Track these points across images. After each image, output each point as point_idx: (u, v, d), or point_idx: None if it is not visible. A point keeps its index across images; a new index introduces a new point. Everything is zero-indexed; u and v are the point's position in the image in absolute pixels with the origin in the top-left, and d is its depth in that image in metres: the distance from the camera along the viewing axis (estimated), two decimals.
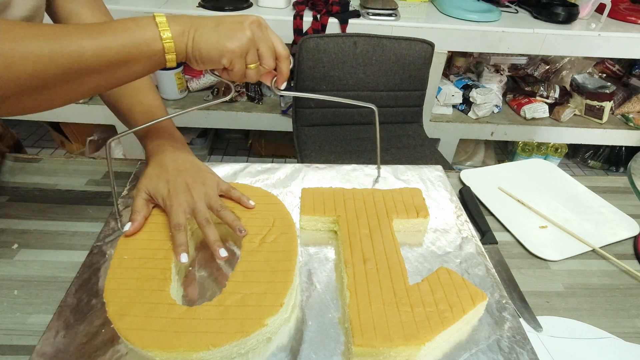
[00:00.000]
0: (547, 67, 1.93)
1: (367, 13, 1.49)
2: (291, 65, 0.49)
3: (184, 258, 0.47)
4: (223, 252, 0.48)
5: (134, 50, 0.41)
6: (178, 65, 1.68)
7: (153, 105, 0.60)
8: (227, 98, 0.53)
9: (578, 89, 1.84)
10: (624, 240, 0.65)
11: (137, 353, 0.40)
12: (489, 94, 1.76)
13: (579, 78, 1.86)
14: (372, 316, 0.43)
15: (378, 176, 0.68)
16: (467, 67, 1.94)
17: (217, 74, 0.48)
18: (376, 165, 0.71)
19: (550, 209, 0.70)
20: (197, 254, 0.52)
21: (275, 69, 0.49)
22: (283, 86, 0.50)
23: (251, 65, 0.46)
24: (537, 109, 1.80)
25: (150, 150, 0.57)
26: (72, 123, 1.82)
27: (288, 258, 0.48)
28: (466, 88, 1.78)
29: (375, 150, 1.24)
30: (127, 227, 0.50)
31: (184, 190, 0.52)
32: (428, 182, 0.68)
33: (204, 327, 0.40)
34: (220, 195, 0.55)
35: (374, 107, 0.60)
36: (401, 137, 1.31)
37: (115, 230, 0.54)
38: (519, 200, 0.71)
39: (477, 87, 1.77)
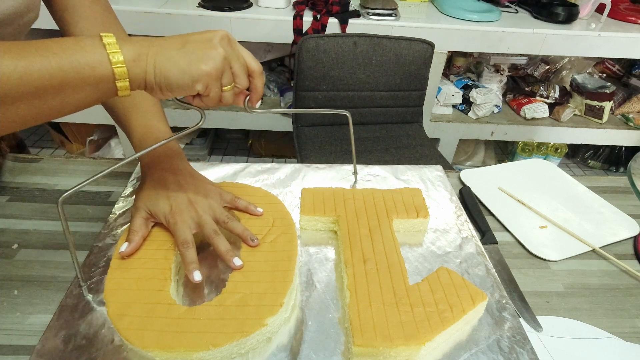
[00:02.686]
0: (547, 67, 1.93)
1: (367, 13, 1.49)
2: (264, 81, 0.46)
3: (198, 276, 0.45)
4: (237, 261, 0.47)
5: (72, 74, 0.35)
6: None
7: (151, 112, 0.56)
8: (199, 126, 0.46)
9: (578, 89, 1.84)
10: (624, 240, 0.65)
11: (137, 353, 0.40)
12: (489, 94, 1.76)
13: (579, 78, 1.86)
14: (372, 316, 0.43)
15: (355, 182, 0.67)
16: (467, 67, 1.94)
17: (185, 101, 0.43)
18: (378, 166, 0.71)
19: (550, 209, 0.70)
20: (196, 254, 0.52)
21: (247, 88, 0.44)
22: (258, 104, 0.46)
23: (227, 87, 0.41)
24: (537, 109, 1.80)
25: (147, 164, 0.53)
26: (72, 123, 1.82)
27: (288, 258, 0.48)
28: (466, 88, 1.78)
29: (375, 151, 1.25)
30: (124, 247, 0.47)
31: (187, 206, 0.49)
32: (428, 182, 0.68)
33: (204, 327, 0.40)
34: (226, 207, 0.53)
35: (347, 113, 0.58)
36: (401, 137, 1.31)
37: (115, 230, 0.54)
38: (519, 200, 0.71)
39: (477, 87, 1.77)
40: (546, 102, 1.83)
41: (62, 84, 0.34)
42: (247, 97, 0.45)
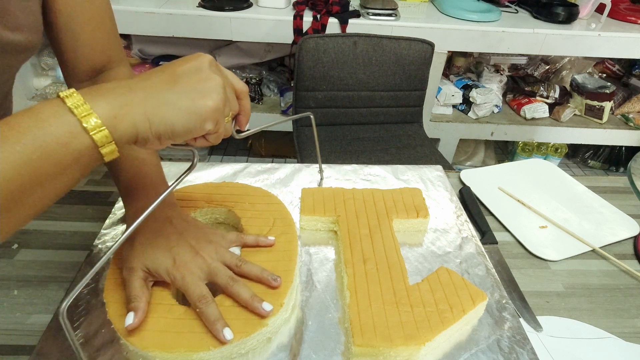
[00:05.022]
0: (547, 67, 1.93)
1: (367, 13, 1.49)
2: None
3: (229, 334, 0.38)
4: (267, 306, 0.41)
5: (43, 163, 0.27)
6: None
7: (142, 158, 0.49)
8: (193, 169, 0.40)
9: (578, 89, 1.84)
10: (624, 240, 0.65)
11: (137, 353, 0.40)
12: (489, 94, 1.76)
13: (579, 78, 1.86)
14: (372, 316, 0.43)
15: (321, 179, 0.67)
16: (467, 67, 1.94)
17: (179, 144, 0.37)
18: (378, 166, 0.71)
19: (550, 209, 0.70)
20: None
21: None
22: (247, 125, 0.41)
23: (227, 118, 0.36)
24: (537, 109, 1.80)
25: (135, 213, 0.45)
26: None
27: (288, 258, 0.48)
28: (466, 88, 1.78)
29: (375, 151, 1.24)
30: (130, 319, 0.38)
31: (192, 256, 0.43)
32: (428, 182, 0.68)
33: (204, 327, 0.40)
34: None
35: (310, 114, 0.58)
36: (401, 137, 1.31)
37: (115, 229, 0.54)
38: (519, 200, 0.71)
39: (477, 87, 1.77)
40: (546, 102, 1.83)
41: (34, 179, 0.27)
42: (234, 121, 0.41)
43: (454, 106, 1.85)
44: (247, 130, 0.43)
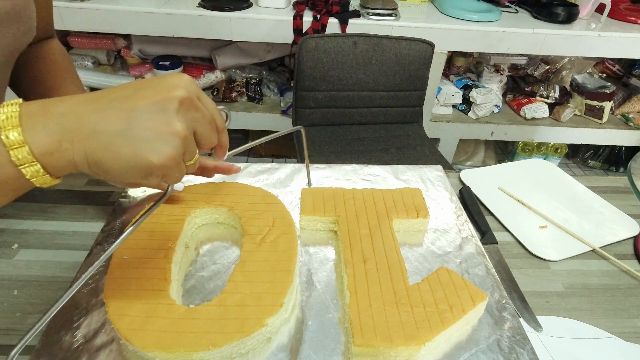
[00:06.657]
0: (547, 67, 1.93)
1: (367, 13, 1.49)
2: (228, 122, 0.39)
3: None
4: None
5: None
6: (172, 66, 1.66)
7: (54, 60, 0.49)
8: (165, 198, 0.38)
9: (578, 89, 1.84)
10: (624, 240, 0.65)
11: (137, 353, 0.40)
12: (489, 94, 1.76)
13: (579, 78, 1.86)
14: (372, 316, 0.43)
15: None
16: (467, 67, 1.94)
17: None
18: (378, 166, 0.71)
19: (550, 209, 0.70)
20: (197, 254, 0.52)
21: None
22: (225, 157, 0.40)
23: (190, 162, 0.33)
24: (537, 109, 1.80)
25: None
26: None
27: (288, 258, 0.48)
28: (466, 88, 1.78)
29: (375, 151, 1.25)
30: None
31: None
32: (428, 182, 0.68)
33: (204, 327, 0.40)
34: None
35: (302, 128, 0.57)
36: (401, 137, 1.31)
37: (115, 230, 0.54)
38: (519, 200, 0.71)
39: (477, 87, 1.77)
40: (546, 102, 1.83)
41: None
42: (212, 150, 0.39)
43: (454, 106, 1.85)
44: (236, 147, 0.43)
